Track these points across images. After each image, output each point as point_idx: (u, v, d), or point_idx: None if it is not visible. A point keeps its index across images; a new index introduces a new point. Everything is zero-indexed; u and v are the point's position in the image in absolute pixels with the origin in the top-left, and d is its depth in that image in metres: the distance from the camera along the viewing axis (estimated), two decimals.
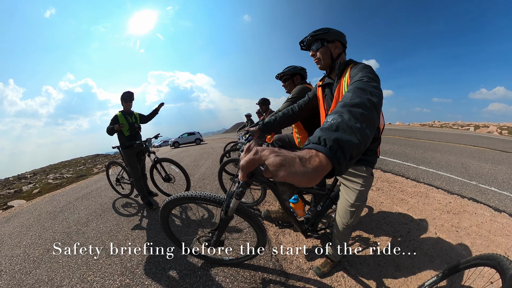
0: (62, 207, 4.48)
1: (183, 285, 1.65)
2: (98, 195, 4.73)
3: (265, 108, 4.20)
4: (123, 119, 2.98)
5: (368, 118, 0.58)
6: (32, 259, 2.56)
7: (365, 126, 0.55)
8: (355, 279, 1.64)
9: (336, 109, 0.61)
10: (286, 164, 0.41)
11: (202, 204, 1.47)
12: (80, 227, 3.12)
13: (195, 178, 4.85)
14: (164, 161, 3.26)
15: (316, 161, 0.43)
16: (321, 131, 0.51)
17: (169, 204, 1.43)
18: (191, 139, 23.36)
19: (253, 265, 1.77)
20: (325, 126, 0.53)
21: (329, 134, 0.49)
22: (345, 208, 1.30)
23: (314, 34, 1.30)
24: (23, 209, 5.53)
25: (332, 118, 0.56)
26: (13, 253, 2.89)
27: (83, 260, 2.29)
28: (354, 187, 1.26)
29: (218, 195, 1.36)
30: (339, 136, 0.49)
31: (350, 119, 0.54)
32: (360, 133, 0.52)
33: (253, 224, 1.45)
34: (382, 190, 3.31)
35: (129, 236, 2.56)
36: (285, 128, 1.77)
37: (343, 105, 0.62)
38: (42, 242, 2.99)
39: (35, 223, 3.92)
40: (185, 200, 1.38)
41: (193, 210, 2.85)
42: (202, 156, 8.82)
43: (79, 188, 6.36)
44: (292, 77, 2.32)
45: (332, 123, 0.54)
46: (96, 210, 3.73)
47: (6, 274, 2.37)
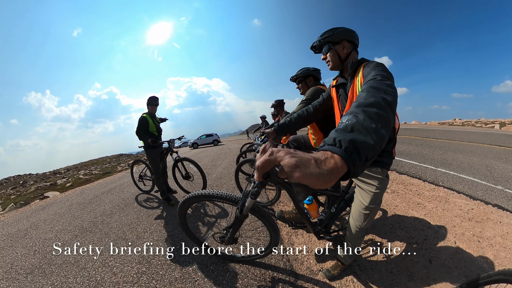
0: (90, 200, 4.86)
1: (194, 278, 1.72)
2: (121, 191, 5.07)
3: (279, 109, 4.20)
4: (150, 121, 3.23)
5: (383, 117, 0.57)
6: (62, 243, 2.82)
7: (381, 126, 0.54)
8: (365, 285, 1.58)
9: (351, 110, 0.60)
10: (301, 165, 0.41)
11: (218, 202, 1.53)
12: (104, 218, 3.37)
13: (212, 177, 4.93)
14: (185, 161, 3.45)
15: (332, 163, 0.43)
16: (336, 132, 0.51)
17: (188, 201, 1.49)
18: (209, 140, 24.47)
19: (264, 263, 1.79)
20: (340, 127, 0.52)
21: (344, 135, 0.48)
22: (359, 210, 1.28)
23: (322, 38, 1.31)
24: (57, 199, 6.08)
25: (347, 118, 0.55)
26: (46, 236, 3.22)
27: (106, 246, 2.48)
28: (368, 189, 1.24)
29: (234, 194, 1.40)
30: (354, 137, 0.48)
31: (365, 120, 0.53)
32: (376, 134, 0.51)
33: (267, 224, 1.47)
34: (397, 193, 3.13)
35: (148, 229, 2.71)
36: (300, 129, 1.78)
37: (358, 105, 0.61)
38: (72, 228, 3.29)
39: (66, 212, 4.31)
40: (202, 198, 1.43)
41: (210, 208, 2.94)
42: (220, 157, 9.02)
43: (105, 183, 6.84)
44: (305, 79, 2.35)
45: (347, 124, 0.53)
46: (119, 203, 4.00)
47: (39, 253, 2.66)
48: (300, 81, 2.38)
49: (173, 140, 3.49)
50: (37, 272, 2.24)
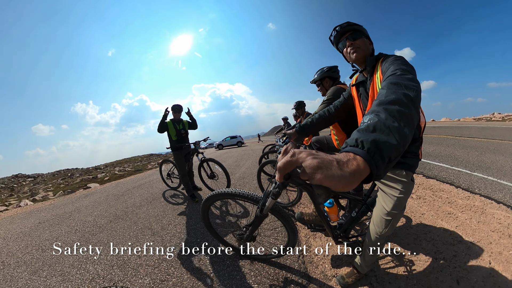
0: (123, 192, 5.33)
1: (210, 270, 1.76)
2: (150, 186, 5.45)
3: (301, 111, 4.17)
4: (171, 126, 3.48)
5: (406, 115, 0.54)
6: (98, 226, 3.17)
7: (403, 124, 0.51)
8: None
9: (372, 108, 0.58)
10: (323, 167, 0.40)
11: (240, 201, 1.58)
12: (134, 209, 3.66)
13: (236, 176, 5.02)
14: (210, 161, 3.63)
15: (354, 164, 0.41)
16: (358, 133, 0.50)
17: (211, 198, 1.54)
18: (233, 142, 25.53)
19: (279, 263, 1.76)
20: (362, 127, 0.51)
21: (367, 136, 0.47)
22: (381, 216, 1.19)
23: (351, 24, 1.22)
24: (96, 190, 6.79)
25: (368, 118, 0.53)
26: (86, 219, 3.63)
27: (134, 232, 2.70)
28: (392, 194, 1.15)
29: (256, 194, 1.42)
30: (376, 138, 0.46)
31: (387, 118, 0.51)
32: (398, 133, 0.48)
33: (286, 224, 1.47)
34: (424, 199, 2.79)
35: (172, 222, 2.87)
36: (322, 130, 1.74)
37: (379, 103, 0.59)
38: (107, 215, 3.65)
39: (103, 201, 4.80)
40: (225, 196, 1.48)
41: (232, 206, 2.99)
42: (243, 157, 9.17)
43: (136, 179, 7.42)
44: (322, 82, 2.33)
45: (368, 123, 0.51)
46: (147, 197, 4.31)
47: (79, 232, 3.06)
48: (318, 84, 2.38)
49: (199, 142, 3.72)
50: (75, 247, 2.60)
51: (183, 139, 3.63)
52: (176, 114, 3.54)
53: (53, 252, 2.57)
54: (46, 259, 2.41)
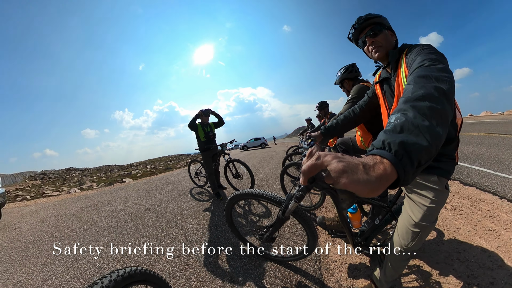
0: (153, 188, 5.69)
1: (227, 266, 1.77)
2: (178, 184, 5.74)
3: (324, 111, 4.00)
4: (200, 129, 3.78)
5: (438, 111, 0.49)
6: (130, 215, 3.44)
7: (436, 123, 0.46)
8: None
9: (399, 107, 0.53)
10: (348, 171, 0.38)
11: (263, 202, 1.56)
12: (162, 203, 3.88)
13: (259, 177, 5.01)
14: (235, 161, 3.76)
15: (381, 168, 0.38)
16: (384, 134, 0.45)
17: (235, 198, 1.56)
18: (257, 144, 26.29)
19: (295, 266, 1.69)
20: (389, 128, 0.47)
21: (394, 137, 0.43)
22: (407, 226, 1.03)
23: (370, 17, 1.11)
24: (130, 184, 7.40)
25: (395, 117, 0.49)
26: (120, 208, 3.99)
27: (160, 224, 2.86)
28: (421, 202, 0.99)
29: (279, 196, 1.41)
30: (404, 139, 0.42)
31: (415, 117, 0.46)
32: (430, 133, 0.44)
33: (307, 228, 1.44)
34: (460, 210, 2.34)
35: (196, 217, 2.96)
36: (348, 131, 1.62)
37: (406, 100, 0.53)
38: (138, 206, 3.95)
39: (135, 194, 5.19)
40: (249, 196, 1.48)
41: (254, 206, 2.99)
42: (266, 159, 9.15)
43: (165, 176, 7.89)
44: (342, 84, 2.29)
45: (395, 124, 0.47)
46: (175, 193, 4.53)
47: (114, 218, 3.40)
48: (340, 86, 2.34)
49: (225, 144, 3.89)
50: (111, 229, 2.93)
51: (211, 141, 3.82)
52: (205, 117, 3.77)
53: (91, 231, 2.92)
54: (86, 238, 2.75)
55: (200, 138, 3.70)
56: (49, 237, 2.98)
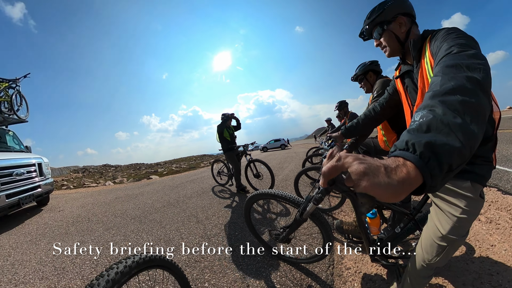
0: (177, 185, 5.94)
1: (241, 262, 1.77)
2: (201, 182, 5.93)
3: (343, 111, 3.89)
4: (225, 131, 3.98)
5: (473, 106, 0.42)
6: (154, 208, 3.65)
7: (470, 119, 0.40)
8: None
9: (425, 103, 0.47)
10: (369, 173, 0.35)
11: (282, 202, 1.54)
12: (185, 199, 4.03)
13: (279, 178, 5.03)
14: (256, 161, 3.87)
15: (403, 172, 0.35)
16: (408, 134, 0.41)
17: (255, 197, 1.58)
18: (277, 145, 26.34)
19: (307, 269, 1.62)
20: (413, 127, 0.42)
21: (419, 137, 0.38)
22: (432, 239, 0.90)
23: (370, 21, 1.06)
24: (156, 181, 7.83)
25: (420, 115, 0.44)
26: (146, 201, 4.25)
27: (181, 218, 2.97)
28: (451, 212, 0.85)
29: (298, 197, 1.44)
30: (432, 139, 0.37)
31: (445, 113, 0.41)
32: (463, 132, 0.38)
33: (323, 231, 1.40)
34: (497, 224, 1.93)
35: (216, 213, 3.01)
36: (370, 131, 1.53)
37: (433, 95, 0.47)
38: (162, 200, 4.16)
39: (161, 190, 5.48)
40: (268, 196, 1.50)
41: (273, 205, 2.97)
42: (286, 160, 9.03)
43: (189, 175, 8.20)
44: (365, 76, 2.11)
45: (421, 122, 0.42)
46: (198, 190, 4.68)
47: (140, 209, 3.64)
48: (361, 79, 2.15)
49: (247, 145, 4.03)
50: (137, 219, 3.17)
51: (234, 142, 4.02)
52: (229, 121, 4.01)
53: (120, 219, 3.18)
54: (115, 224, 3.02)
55: (226, 139, 3.88)
56: (86, 220, 3.34)
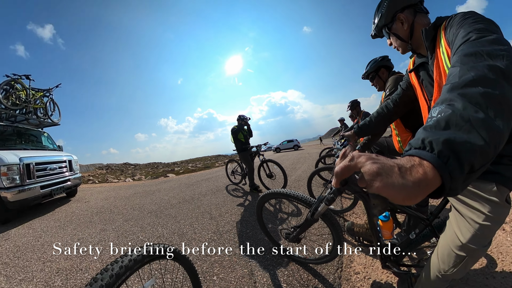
0: (193, 183, 6.10)
1: (250, 259, 1.77)
2: (215, 180, 6.04)
3: (356, 110, 3.85)
4: (240, 132, 4.08)
5: (496, 99, 0.38)
6: (170, 204, 3.78)
7: (494, 114, 0.36)
8: None
9: (443, 96, 0.43)
10: (383, 174, 0.33)
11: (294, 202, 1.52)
12: (200, 196, 4.12)
13: (291, 179, 5.01)
14: (269, 162, 3.92)
15: (419, 172, 0.32)
16: (425, 131, 0.38)
17: (267, 196, 1.60)
18: (290, 146, 26.21)
19: (315, 270, 1.57)
20: (430, 124, 0.39)
21: (437, 135, 0.35)
22: (450, 247, 0.80)
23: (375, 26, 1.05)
24: (173, 178, 8.08)
25: (438, 110, 0.40)
26: (163, 197, 4.42)
27: (195, 214, 3.04)
28: (472, 218, 0.75)
29: (309, 197, 1.43)
30: (451, 136, 0.34)
31: (465, 108, 0.37)
32: (486, 128, 0.34)
33: (334, 233, 1.37)
34: None
35: (229, 210, 3.05)
36: (383, 129, 1.47)
37: (451, 87, 0.44)
38: (178, 197, 4.30)
39: (177, 187, 5.65)
40: (280, 195, 1.51)
41: (285, 205, 2.95)
42: (299, 160, 8.96)
43: (205, 174, 8.38)
44: (377, 73, 1.99)
45: (439, 118, 0.38)
46: (212, 188, 4.77)
47: (157, 204, 3.80)
48: (373, 77, 2.03)
49: (260, 145, 4.09)
50: (153, 213, 3.32)
51: (247, 142, 4.13)
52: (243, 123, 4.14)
53: (138, 212, 3.37)
54: (134, 216, 3.21)
55: (240, 140, 4.00)
56: (108, 211, 3.61)
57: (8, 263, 2.13)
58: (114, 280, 0.64)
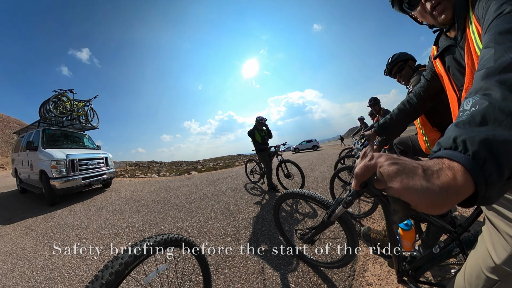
0: (214, 180, 6.28)
1: (263, 256, 1.78)
2: (235, 178, 6.16)
3: (377, 108, 3.69)
4: (257, 133, 4.11)
5: None
6: (192, 199, 3.95)
7: None
8: None
9: (476, 85, 0.37)
10: (403, 175, 0.30)
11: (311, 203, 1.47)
12: (219, 193, 4.24)
13: (309, 180, 4.91)
14: (287, 162, 3.88)
15: (448, 176, 0.28)
16: (456, 128, 0.33)
17: (284, 196, 1.59)
18: (309, 146, 25.58)
19: (325, 274, 1.51)
20: (463, 119, 0.33)
21: (471, 132, 0.31)
22: (481, 268, 0.64)
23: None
24: (196, 176, 8.40)
25: (471, 102, 0.35)
26: (185, 193, 4.62)
27: (214, 209, 3.14)
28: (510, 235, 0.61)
29: (327, 198, 1.39)
30: (489, 134, 0.29)
31: (505, 98, 0.32)
32: None
33: (349, 237, 1.31)
34: None
35: (246, 207, 3.08)
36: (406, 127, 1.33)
37: (486, 74, 0.37)
38: (199, 193, 4.47)
39: (199, 184, 5.87)
40: (298, 195, 1.49)
41: (302, 206, 2.91)
42: (318, 161, 8.72)
43: (225, 172, 8.58)
44: (406, 63, 1.77)
45: (473, 112, 0.33)
46: (232, 186, 4.87)
47: (179, 199, 4.00)
48: (401, 67, 1.80)
49: (279, 146, 4.11)
50: (175, 207, 3.51)
51: (265, 143, 4.18)
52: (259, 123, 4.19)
53: (162, 205, 3.60)
54: (157, 208, 3.45)
55: (257, 141, 4.06)
56: (135, 202, 3.97)
57: (52, 236, 2.66)
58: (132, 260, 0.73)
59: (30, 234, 2.79)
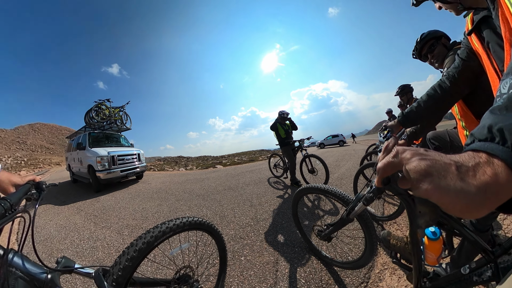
0: (238, 173, 6.43)
1: (278, 248, 1.78)
2: (259, 172, 6.23)
3: (406, 98, 3.14)
4: (280, 128, 4.07)
5: None
6: (217, 190, 4.11)
7: None
8: None
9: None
10: (433, 173, 0.26)
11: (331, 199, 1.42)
12: (243, 186, 4.33)
13: (334, 176, 4.73)
14: (312, 157, 3.77)
15: (487, 173, 0.24)
16: (492, 115, 0.29)
17: (304, 190, 1.57)
18: (335, 141, 24.51)
19: (338, 275, 1.44)
20: (499, 104, 0.29)
21: (509, 119, 0.27)
22: None
23: None
24: (221, 169, 8.70)
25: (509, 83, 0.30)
26: (210, 184, 4.83)
27: (237, 200, 3.23)
28: None
29: (347, 195, 1.30)
30: None
31: None
32: None
33: (367, 238, 1.24)
34: None
35: (268, 200, 3.11)
36: (437, 116, 1.13)
37: None
38: (224, 185, 4.63)
39: (223, 177, 6.06)
40: (318, 190, 1.47)
41: (323, 202, 2.83)
42: (344, 157, 8.29)
43: (249, 166, 8.72)
44: (439, 41, 1.51)
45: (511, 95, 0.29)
46: (255, 180, 4.95)
47: (205, 190, 4.22)
48: (432, 46, 1.54)
49: (303, 140, 4.01)
50: (201, 196, 3.72)
51: (289, 137, 4.12)
52: (281, 117, 4.14)
53: (188, 195, 3.85)
54: (184, 197, 3.71)
55: (280, 135, 4.03)
56: (164, 192, 4.33)
57: (97, 215, 3.27)
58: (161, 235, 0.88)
59: (80, 213, 3.47)
